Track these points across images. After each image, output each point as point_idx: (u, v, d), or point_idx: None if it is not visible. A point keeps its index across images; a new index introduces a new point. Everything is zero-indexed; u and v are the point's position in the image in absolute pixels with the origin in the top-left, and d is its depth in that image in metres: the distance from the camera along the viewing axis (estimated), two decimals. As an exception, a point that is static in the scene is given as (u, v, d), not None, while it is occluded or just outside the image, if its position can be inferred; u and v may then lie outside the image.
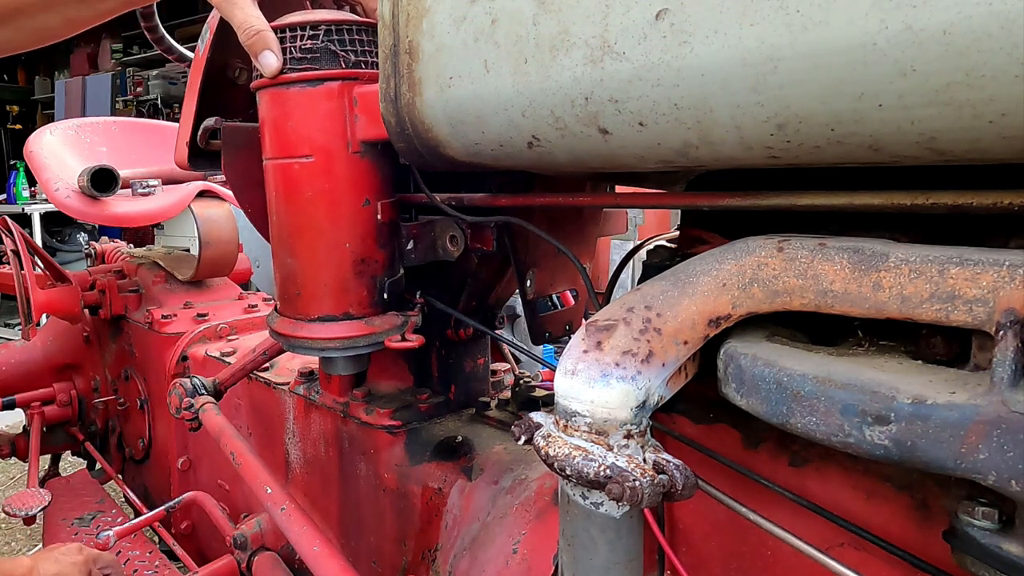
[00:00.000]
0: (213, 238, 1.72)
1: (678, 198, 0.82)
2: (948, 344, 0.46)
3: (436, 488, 0.93)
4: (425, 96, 0.64)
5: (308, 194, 0.79)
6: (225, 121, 0.95)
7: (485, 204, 0.80)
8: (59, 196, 1.64)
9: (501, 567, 0.78)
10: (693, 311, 0.52)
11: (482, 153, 0.65)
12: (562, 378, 0.52)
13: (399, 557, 0.97)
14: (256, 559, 1.10)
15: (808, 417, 0.44)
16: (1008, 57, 0.33)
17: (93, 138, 2.02)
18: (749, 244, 0.51)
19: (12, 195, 5.85)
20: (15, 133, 8.06)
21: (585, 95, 0.51)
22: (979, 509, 0.41)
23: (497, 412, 1.03)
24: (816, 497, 0.55)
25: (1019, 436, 0.36)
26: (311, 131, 0.78)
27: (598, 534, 0.52)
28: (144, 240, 2.41)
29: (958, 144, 0.39)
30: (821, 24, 0.38)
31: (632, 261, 0.93)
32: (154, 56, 6.85)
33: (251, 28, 0.76)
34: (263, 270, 2.50)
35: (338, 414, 1.04)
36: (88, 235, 6.15)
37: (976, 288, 0.40)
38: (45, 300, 1.76)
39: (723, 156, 0.49)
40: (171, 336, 1.61)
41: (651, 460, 0.51)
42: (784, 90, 0.41)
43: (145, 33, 1.49)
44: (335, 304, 0.81)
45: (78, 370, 2.00)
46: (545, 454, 0.52)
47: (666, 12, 0.45)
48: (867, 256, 0.45)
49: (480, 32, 0.57)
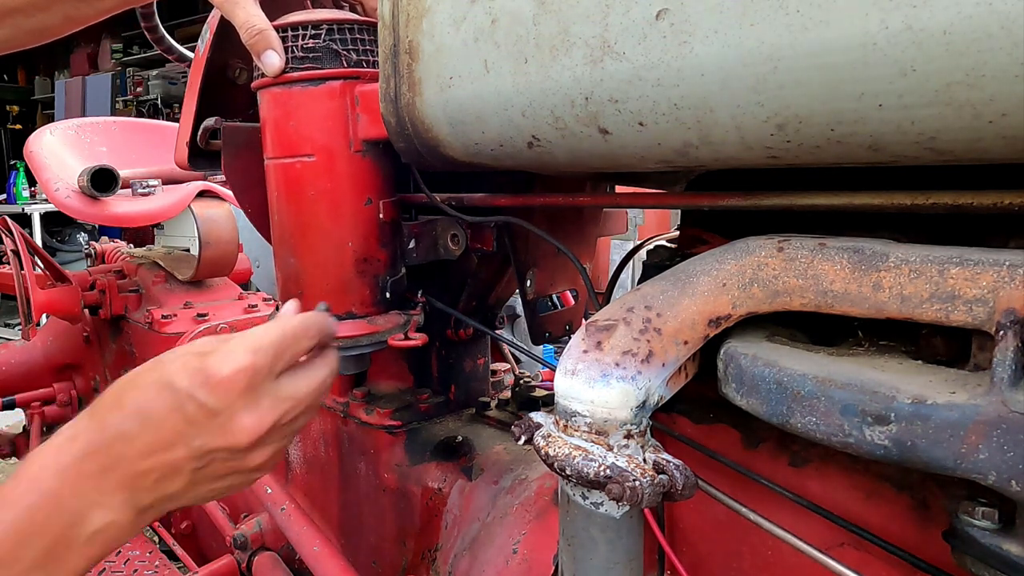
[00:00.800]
0: (213, 238, 1.72)
1: (678, 198, 0.82)
2: (948, 344, 0.46)
3: (436, 488, 0.93)
4: (425, 96, 0.64)
5: (310, 193, 0.80)
6: (225, 121, 0.95)
7: (485, 204, 0.80)
8: (59, 196, 1.64)
9: (501, 567, 0.78)
10: (693, 311, 0.52)
11: (482, 153, 0.65)
12: (562, 378, 0.52)
13: (399, 557, 0.97)
14: (256, 559, 1.10)
15: (808, 417, 0.44)
16: (1008, 57, 0.33)
17: (93, 138, 2.02)
18: (749, 244, 0.51)
19: (12, 195, 5.86)
20: (15, 133, 8.07)
21: (585, 95, 0.51)
22: (979, 509, 0.41)
23: (497, 412, 1.03)
24: (816, 497, 0.55)
25: (1019, 436, 0.36)
26: (313, 130, 0.78)
27: (598, 534, 0.52)
28: (144, 240, 2.41)
29: (958, 144, 0.39)
30: (821, 24, 0.38)
31: (632, 261, 0.93)
32: (154, 56, 6.85)
33: (254, 28, 0.76)
34: (263, 270, 2.50)
35: (338, 414, 1.04)
36: (88, 235, 6.15)
37: (976, 288, 0.40)
38: (45, 300, 1.76)
39: (723, 156, 0.49)
40: (171, 336, 1.62)
41: (651, 460, 0.51)
42: (784, 90, 0.41)
43: (145, 33, 1.49)
44: (338, 303, 0.81)
45: (78, 370, 2.00)
46: (545, 454, 0.52)
47: (666, 12, 0.45)
48: (867, 256, 0.45)
49: (480, 32, 0.57)
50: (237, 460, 0.55)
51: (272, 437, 0.55)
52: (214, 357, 0.53)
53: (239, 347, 0.54)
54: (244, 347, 0.54)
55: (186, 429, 0.52)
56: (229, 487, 0.57)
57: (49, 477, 0.50)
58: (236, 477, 0.56)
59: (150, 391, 0.53)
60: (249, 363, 0.53)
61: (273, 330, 0.56)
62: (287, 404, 0.56)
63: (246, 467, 0.56)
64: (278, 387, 0.56)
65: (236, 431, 0.53)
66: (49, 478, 0.50)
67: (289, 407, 0.56)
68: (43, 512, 0.49)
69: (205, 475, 0.54)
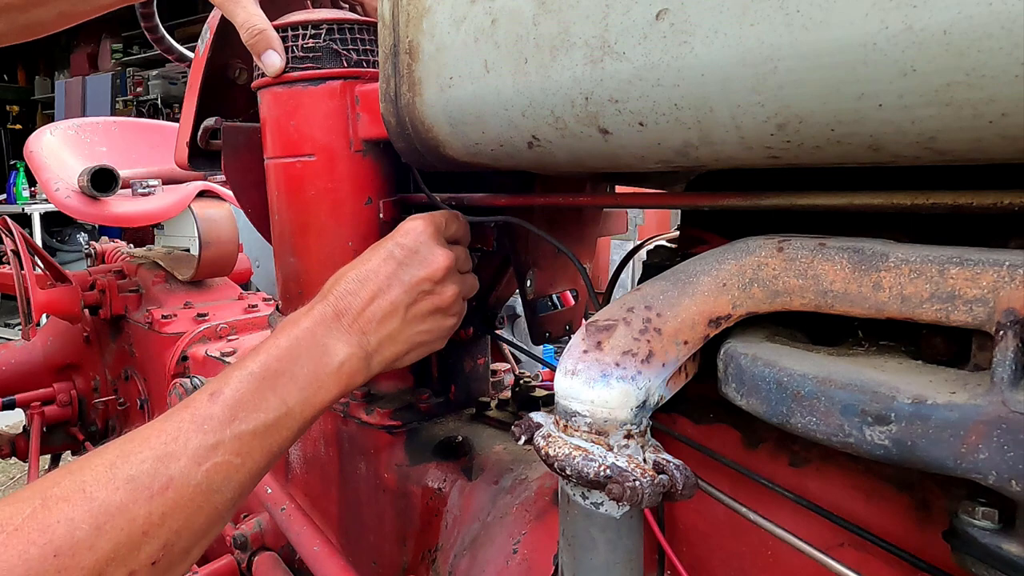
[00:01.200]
0: (213, 238, 1.72)
1: (678, 198, 0.82)
2: (948, 344, 0.46)
3: (436, 488, 0.93)
4: (425, 96, 0.64)
5: (310, 193, 0.80)
6: (225, 121, 0.95)
7: (485, 204, 0.80)
8: (59, 196, 1.64)
9: (501, 567, 0.78)
10: (693, 311, 0.52)
11: (482, 153, 0.65)
12: (562, 378, 0.52)
13: (399, 557, 0.97)
14: (256, 559, 1.10)
15: (808, 417, 0.44)
16: (1008, 57, 0.33)
17: (93, 138, 2.02)
18: (749, 244, 0.51)
19: (12, 195, 5.86)
20: (15, 133, 8.07)
21: (585, 95, 0.51)
22: (979, 509, 0.41)
23: (497, 412, 1.03)
24: (816, 497, 0.55)
25: (1019, 436, 0.36)
26: (313, 130, 0.78)
27: (598, 534, 0.52)
28: (144, 240, 2.41)
29: (958, 144, 0.39)
30: (821, 24, 0.38)
31: (632, 261, 0.93)
32: (154, 56, 6.85)
33: (254, 27, 0.76)
34: (263, 270, 2.50)
35: (338, 414, 1.04)
36: (88, 235, 6.16)
37: (976, 288, 0.40)
38: (45, 300, 1.76)
39: (723, 156, 0.49)
40: (171, 336, 1.61)
41: (651, 460, 0.51)
42: (784, 90, 0.41)
43: (145, 33, 1.49)
44: (337, 304, 0.81)
45: (78, 370, 2.00)
46: (545, 454, 0.52)
47: (666, 12, 0.45)
48: (867, 256, 0.45)
49: (480, 32, 0.57)
50: (436, 295, 0.69)
51: (454, 276, 0.70)
52: (402, 224, 0.71)
53: (416, 216, 0.71)
54: (420, 216, 0.71)
55: (397, 270, 0.67)
56: (431, 331, 0.71)
57: (302, 323, 0.64)
58: (435, 320, 0.70)
59: (362, 258, 0.69)
60: (430, 218, 0.71)
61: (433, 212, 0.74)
62: (458, 250, 0.72)
63: (442, 304, 0.70)
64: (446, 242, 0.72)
65: (433, 261, 0.68)
66: (302, 324, 0.64)
67: (460, 253, 0.73)
68: (304, 343, 0.63)
69: (414, 314, 0.68)
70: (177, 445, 0.55)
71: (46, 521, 0.48)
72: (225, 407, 0.58)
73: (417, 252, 0.68)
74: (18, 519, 0.48)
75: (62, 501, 0.50)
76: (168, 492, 0.53)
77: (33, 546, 0.47)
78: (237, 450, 0.57)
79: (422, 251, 0.69)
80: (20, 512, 0.48)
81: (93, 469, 0.52)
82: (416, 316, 0.69)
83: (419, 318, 0.69)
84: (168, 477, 0.53)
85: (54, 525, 0.48)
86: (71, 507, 0.49)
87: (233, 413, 0.57)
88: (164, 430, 0.56)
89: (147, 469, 0.53)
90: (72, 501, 0.50)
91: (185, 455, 0.54)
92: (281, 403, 0.60)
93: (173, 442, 0.55)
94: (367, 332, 0.66)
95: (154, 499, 0.52)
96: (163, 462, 0.53)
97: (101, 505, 0.50)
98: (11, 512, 0.48)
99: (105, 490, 0.51)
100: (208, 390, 0.59)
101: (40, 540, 0.47)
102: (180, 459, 0.54)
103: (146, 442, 0.55)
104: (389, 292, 0.67)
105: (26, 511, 0.49)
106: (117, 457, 0.53)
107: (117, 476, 0.52)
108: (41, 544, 0.47)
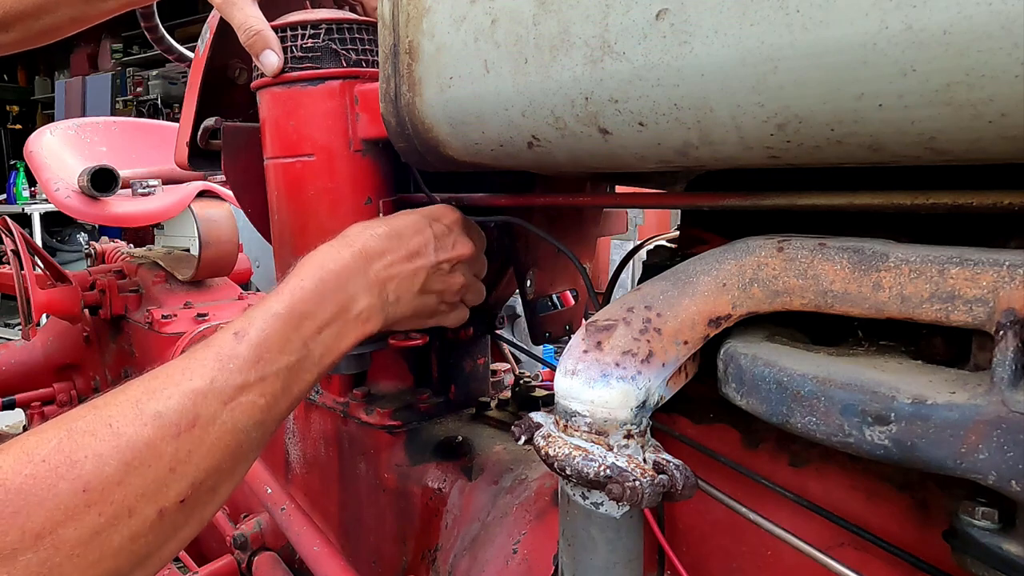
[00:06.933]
0: (213, 238, 1.72)
1: (678, 198, 0.82)
2: (948, 344, 0.46)
3: (436, 488, 0.93)
4: (425, 96, 0.64)
5: (310, 193, 0.80)
6: (225, 121, 0.95)
7: (485, 204, 0.80)
8: (59, 196, 1.64)
9: (501, 567, 0.78)
10: (693, 311, 0.52)
11: (482, 153, 0.65)
12: (562, 378, 0.52)
13: (399, 557, 0.97)
14: (256, 559, 1.10)
15: (808, 417, 0.44)
16: (1008, 57, 0.33)
17: (93, 138, 2.02)
18: (749, 244, 0.51)
19: (12, 195, 5.86)
20: (15, 133, 8.07)
21: (585, 95, 0.51)
22: (979, 509, 0.41)
23: (497, 412, 1.03)
24: (816, 497, 0.55)
25: (1019, 436, 0.36)
26: (312, 130, 0.78)
27: (598, 534, 0.52)
28: (144, 240, 2.41)
29: (958, 144, 0.39)
30: (821, 24, 0.38)
31: (632, 261, 0.93)
32: (154, 56, 6.85)
33: (251, 28, 0.76)
34: (263, 270, 2.50)
35: (338, 414, 1.04)
36: (88, 235, 6.16)
37: (976, 288, 0.40)
38: (45, 300, 1.76)
39: (723, 156, 0.49)
40: (171, 336, 1.61)
41: (651, 460, 0.51)
42: (784, 90, 0.41)
43: (145, 33, 1.49)
44: (336, 304, 0.81)
45: (78, 370, 2.00)
46: (545, 454, 0.52)
47: (666, 12, 0.45)
48: (867, 256, 0.45)
49: (480, 32, 0.57)
50: (452, 276, 0.75)
51: (467, 268, 0.76)
52: (435, 207, 0.77)
53: (446, 204, 0.78)
54: (449, 205, 0.78)
55: (432, 240, 0.72)
56: (438, 305, 0.76)
57: (327, 266, 0.65)
58: (434, 298, 0.75)
59: (388, 218, 0.74)
60: (458, 210, 0.77)
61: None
62: (479, 249, 0.78)
63: (452, 286, 0.75)
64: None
65: (461, 247, 0.74)
66: (327, 266, 0.65)
67: (479, 252, 0.79)
68: (330, 285, 0.64)
69: (427, 286, 0.72)
70: (203, 383, 0.54)
71: (74, 455, 0.47)
72: (250, 347, 0.57)
73: (450, 233, 0.74)
74: (44, 450, 0.46)
75: (88, 435, 0.48)
76: (195, 430, 0.52)
77: (62, 480, 0.45)
78: (262, 391, 0.57)
79: (455, 233, 0.75)
80: (46, 442, 0.47)
81: (118, 405, 0.51)
82: (426, 289, 0.73)
83: (427, 291, 0.73)
84: (195, 415, 0.52)
85: (82, 460, 0.47)
86: (98, 441, 0.48)
87: (259, 354, 0.57)
88: (189, 368, 0.55)
89: (174, 406, 0.52)
90: (99, 435, 0.48)
91: (212, 394, 0.54)
92: (303, 346, 0.61)
93: (199, 379, 0.54)
94: (388, 286, 0.69)
95: (181, 436, 0.51)
96: (190, 399, 0.53)
97: (129, 441, 0.49)
98: (36, 441, 0.47)
99: (132, 426, 0.50)
100: (232, 329, 0.58)
101: (69, 474, 0.46)
102: (207, 397, 0.53)
103: (170, 379, 0.54)
104: (417, 259, 0.71)
105: (52, 441, 0.47)
106: (143, 393, 0.52)
107: (144, 412, 0.51)
108: (70, 479, 0.46)
